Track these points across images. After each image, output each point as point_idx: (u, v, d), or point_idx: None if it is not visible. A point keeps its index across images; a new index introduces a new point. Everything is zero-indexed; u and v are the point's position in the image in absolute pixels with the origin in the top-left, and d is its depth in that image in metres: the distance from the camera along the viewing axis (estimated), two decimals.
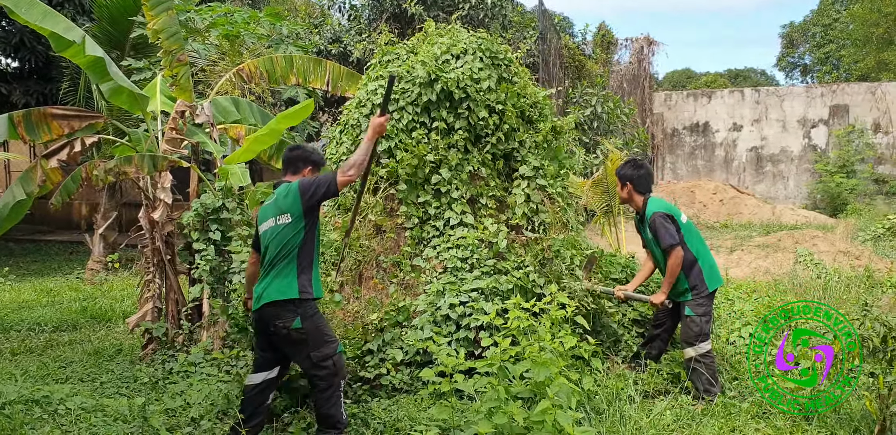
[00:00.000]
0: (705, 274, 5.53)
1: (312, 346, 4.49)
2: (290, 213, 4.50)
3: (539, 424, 4.07)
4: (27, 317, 8.86)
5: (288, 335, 4.47)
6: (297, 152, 4.85)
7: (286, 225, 4.51)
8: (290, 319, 4.44)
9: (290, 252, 4.51)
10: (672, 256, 5.42)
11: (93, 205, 19.14)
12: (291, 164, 4.82)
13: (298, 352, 4.54)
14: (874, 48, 30.07)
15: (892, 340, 4.62)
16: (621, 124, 18.23)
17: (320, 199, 4.48)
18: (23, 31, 14.62)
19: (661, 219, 5.51)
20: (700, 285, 5.51)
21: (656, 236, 5.53)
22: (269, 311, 4.49)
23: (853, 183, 20.47)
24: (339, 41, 16.49)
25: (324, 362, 4.51)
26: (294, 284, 4.47)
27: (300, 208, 4.48)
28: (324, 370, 4.51)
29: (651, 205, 5.65)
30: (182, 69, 7.03)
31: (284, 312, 4.45)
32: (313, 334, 4.49)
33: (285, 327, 4.45)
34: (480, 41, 6.62)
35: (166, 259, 6.97)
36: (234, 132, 8.18)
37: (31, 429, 4.92)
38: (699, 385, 5.41)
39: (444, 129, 6.30)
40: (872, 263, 10.61)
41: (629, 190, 5.76)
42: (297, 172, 4.80)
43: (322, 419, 4.58)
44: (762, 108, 22.52)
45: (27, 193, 6.94)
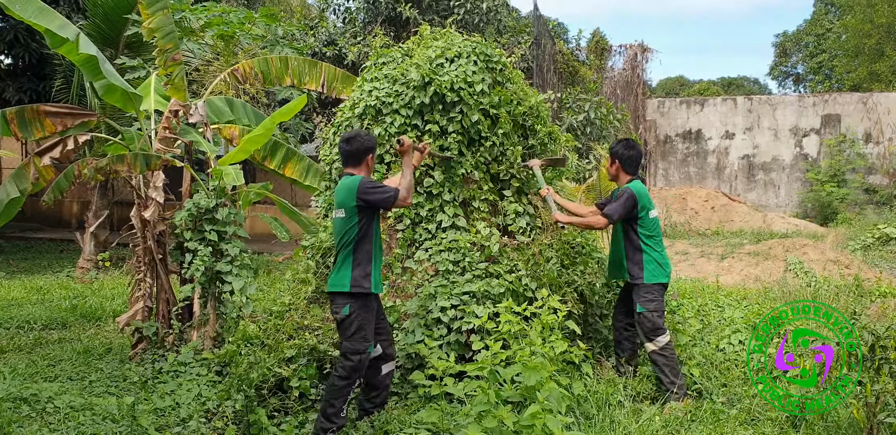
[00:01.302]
0: (646, 267, 5.66)
1: (348, 337, 4.74)
2: (344, 208, 4.75)
3: (529, 429, 4.08)
4: (16, 314, 8.82)
5: (335, 320, 4.85)
6: (356, 144, 4.90)
7: (341, 219, 4.78)
8: (341, 306, 4.74)
9: (348, 245, 4.78)
10: (598, 219, 5.77)
11: (84, 203, 19.14)
12: (353, 156, 4.91)
13: (340, 337, 4.82)
14: (866, 59, 30.24)
15: (879, 348, 4.65)
16: (614, 130, 18.25)
17: (372, 206, 4.74)
18: (17, 27, 14.59)
19: (629, 196, 5.67)
20: (637, 275, 5.67)
21: (610, 203, 5.80)
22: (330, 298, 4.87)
23: (844, 192, 20.55)
24: (334, 44, 16.49)
25: (352, 356, 4.73)
26: (348, 278, 4.74)
27: (354, 207, 4.72)
28: (348, 362, 4.72)
29: (631, 185, 5.80)
30: (176, 68, 7.02)
31: (339, 299, 4.76)
32: (353, 327, 4.73)
33: (336, 313, 4.78)
34: (475, 45, 6.63)
35: (157, 258, 6.95)
36: (228, 132, 8.17)
37: (19, 427, 4.90)
38: (664, 377, 5.51)
39: (437, 131, 6.30)
40: (862, 272, 10.66)
41: (618, 167, 5.91)
42: (360, 163, 4.92)
43: (323, 409, 4.75)
44: (754, 117, 22.60)
45: (20, 191, 6.92)
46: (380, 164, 6.38)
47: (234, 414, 5.05)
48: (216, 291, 6.48)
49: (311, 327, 5.90)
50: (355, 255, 4.76)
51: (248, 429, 4.91)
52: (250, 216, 13.98)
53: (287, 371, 5.27)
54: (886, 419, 4.47)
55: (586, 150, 16.69)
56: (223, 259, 6.45)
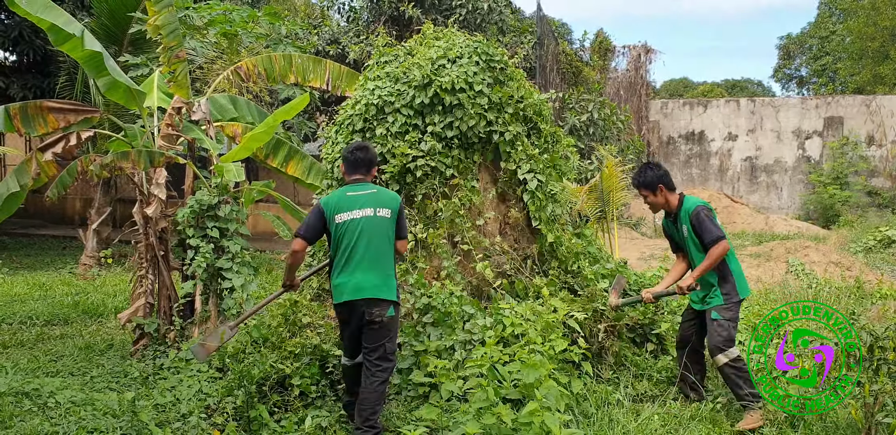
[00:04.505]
0: (737, 282, 5.32)
1: (391, 337, 4.76)
2: (390, 210, 4.79)
3: (527, 426, 4.10)
4: (19, 310, 8.85)
5: (381, 322, 4.70)
6: (370, 154, 5.03)
7: (387, 219, 4.78)
8: (387, 307, 4.71)
9: (390, 247, 4.81)
10: (719, 247, 5.15)
11: (87, 200, 19.17)
12: (365, 165, 4.99)
13: (378, 340, 4.72)
14: (870, 62, 30.21)
15: (878, 349, 4.66)
16: (617, 131, 18.26)
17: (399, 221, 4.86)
18: (21, 24, 14.63)
19: (707, 211, 5.29)
20: (732, 292, 5.29)
21: (700, 229, 5.25)
22: (369, 301, 4.70)
23: (846, 195, 20.55)
24: (337, 43, 16.51)
25: (391, 356, 4.77)
26: (393, 284, 4.80)
27: (396, 214, 4.81)
28: (389, 363, 4.75)
29: (689, 200, 5.43)
30: (180, 66, 7.04)
31: (385, 302, 4.72)
32: (395, 328, 4.83)
33: (381, 315, 4.69)
34: (476, 44, 6.64)
35: (160, 255, 6.97)
36: (231, 130, 8.18)
37: (21, 421, 4.93)
38: (739, 390, 5.18)
39: (438, 132, 6.30)
40: (863, 275, 10.66)
41: (663, 192, 5.44)
42: (369, 172, 5.01)
43: (369, 409, 4.64)
44: (757, 119, 22.61)
45: (21, 186, 6.94)
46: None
47: (234, 410, 5.07)
48: (217, 288, 6.50)
49: (313, 325, 5.91)
50: (394, 256, 4.87)
51: (248, 425, 4.93)
52: (253, 214, 14.03)
53: (289, 369, 5.29)
54: (884, 420, 4.48)
55: (589, 150, 16.70)
56: (224, 256, 6.48)
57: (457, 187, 6.32)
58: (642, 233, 18.06)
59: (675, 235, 5.60)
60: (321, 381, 5.40)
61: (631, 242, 15.02)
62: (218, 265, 6.43)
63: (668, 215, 5.60)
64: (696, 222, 5.27)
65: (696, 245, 5.36)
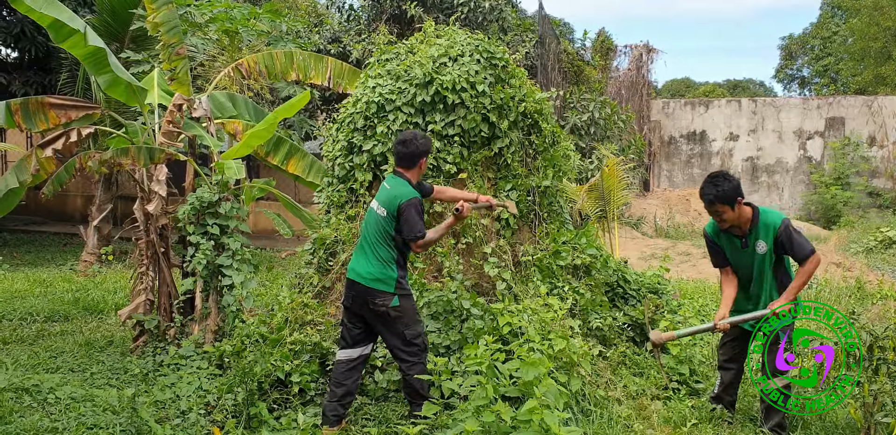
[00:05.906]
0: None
1: (407, 324, 4.73)
2: (387, 210, 4.75)
3: (526, 424, 4.09)
4: (19, 306, 8.85)
5: (387, 313, 4.69)
6: (412, 147, 4.85)
7: (383, 217, 4.76)
8: (389, 298, 4.69)
9: (385, 242, 4.77)
10: (812, 263, 4.74)
11: (88, 197, 19.17)
12: (408, 159, 4.87)
13: (392, 330, 4.74)
14: (872, 62, 30.16)
15: (878, 349, 4.66)
16: (618, 130, 18.24)
17: (398, 223, 4.73)
18: (23, 21, 14.63)
19: (791, 224, 4.89)
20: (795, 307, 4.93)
21: (791, 245, 4.81)
22: (366, 289, 4.71)
23: (847, 195, 20.55)
24: (339, 41, 16.51)
25: (416, 340, 4.75)
26: (392, 275, 4.73)
27: (393, 217, 4.73)
28: (415, 347, 4.75)
29: (770, 213, 4.95)
30: (181, 63, 7.04)
31: (383, 293, 4.70)
32: (408, 313, 4.75)
33: (384, 305, 4.67)
34: (478, 42, 6.63)
35: (160, 252, 6.98)
36: (232, 127, 8.18)
37: (21, 417, 4.93)
38: (773, 419, 4.93)
39: (438, 130, 6.30)
40: (864, 275, 10.66)
41: (739, 204, 4.90)
42: (413, 166, 4.90)
43: (413, 393, 4.79)
44: (759, 119, 22.60)
45: (20, 182, 6.94)
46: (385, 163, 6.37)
47: (234, 407, 5.08)
48: (217, 285, 6.51)
49: (314, 323, 5.91)
50: (394, 247, 4.81)
51: (247, 422, 4.94)
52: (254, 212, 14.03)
53: (289, 366, 5.29)
54: (884, 419, 4.49)
55: (590, 149, 16.70)
56: (224, 253, 6.48)
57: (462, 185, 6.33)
58: (643, 232, 18.04)
59: (737, 252, 5.06)
60: (320, 378, 5.40)
61: (631, 241, 15.01)
62: (218, 262, 6.43)
63: (728, 229, 5.02)
64: (785, 238, 4.81)
65: (772, 262, 4.94)
